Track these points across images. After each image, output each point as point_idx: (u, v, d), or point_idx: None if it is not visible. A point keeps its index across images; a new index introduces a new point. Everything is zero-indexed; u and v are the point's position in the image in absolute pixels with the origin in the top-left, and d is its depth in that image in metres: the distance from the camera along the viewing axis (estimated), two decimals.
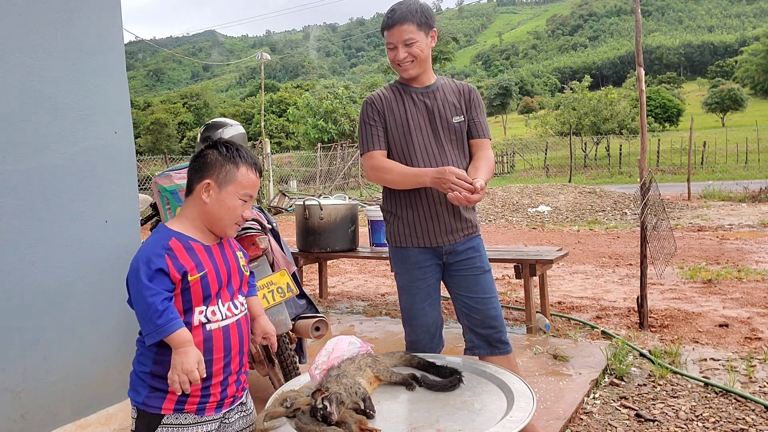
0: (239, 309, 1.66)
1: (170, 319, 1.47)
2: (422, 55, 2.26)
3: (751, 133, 28.23)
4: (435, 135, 2.32)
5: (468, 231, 2.37)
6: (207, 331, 1.56)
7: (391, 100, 2.35)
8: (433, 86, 2.36)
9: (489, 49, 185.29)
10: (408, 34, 2.20)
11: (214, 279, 1.58)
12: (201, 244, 1.60)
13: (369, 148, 2.33)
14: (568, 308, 4.85)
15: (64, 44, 2.30)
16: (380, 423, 1.56)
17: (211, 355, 1.56)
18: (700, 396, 3.02)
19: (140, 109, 60.05)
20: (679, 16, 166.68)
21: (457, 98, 2.37)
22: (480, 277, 2.36)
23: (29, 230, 2.18)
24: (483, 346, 2.37)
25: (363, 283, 6.32)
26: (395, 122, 2.32)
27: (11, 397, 2.11)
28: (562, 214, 12.11)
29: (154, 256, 1.50)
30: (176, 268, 1.51)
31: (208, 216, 1.61)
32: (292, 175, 24.04)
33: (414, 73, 2.29)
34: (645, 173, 4.10)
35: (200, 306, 1.56)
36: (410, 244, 2.36)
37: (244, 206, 1.64)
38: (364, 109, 2.37)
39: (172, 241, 1.55)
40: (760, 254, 7.02)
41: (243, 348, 1.67)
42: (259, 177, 1.68)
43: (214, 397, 1.58)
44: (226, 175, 1.60)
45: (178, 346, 1.48)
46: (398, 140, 2.32)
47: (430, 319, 2.40)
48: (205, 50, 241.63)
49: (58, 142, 2.27)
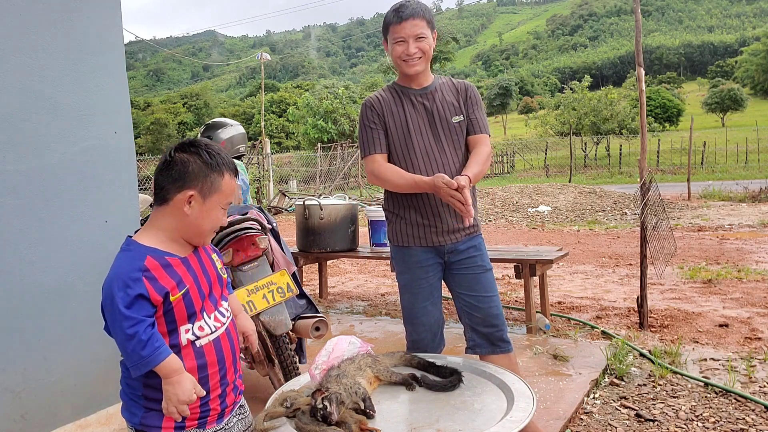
0: (226, 316, 1.57)
1: (156, 348, 1.36)
2: (429, 52, 2.28)
3: (751, 133, 28.21)
4: (435, 137, 2.32)
5: (469, 230, 2.37)
6: (198, 348, 1.47)
7: (390, 102, 2.35)
8: (431, 87, 2.36)
9: (489, 49, 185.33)
10: (420, 29, 2.22)
11: (197, 293, 1.48)
12: (177, 257, 1.47)
13: (369, 152, 2.34)
14: (568, 308, 4.85)
15: (64, 44, 2.30)
16: (380, 423, 1.56)
17: (206, 371, 1.48)
18: (700, 396, 3.01)
19: (140, 109, 60.06)
20: (679, 16, 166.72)
21: (455, 97, 2.37)
22: (481, 275, 2.37)
23: (29, 230, 2.18)
24: (484, 344, 2.38)
25: (363, 283, 6.32)
26: (395, 125, 2.33)
27: (11, 397, 2.11)
28: (562, 214, 12.10)
29: (131, 280, 1.36)
30: (156, 290, 1.38)
31: (188, 228, 1.48)
32: (292, 175, 24.03)
33: (420, 69, 2.29)
34: (645, 173, 4.10)
35: (185, 324, 1.46)
36: (412, 243, 2.37)
37: (224, 214, 1.55)
38: (363, 112, 2.37)
39: (148, 260, 1.40)
40: (760, 254, 7.02)
41: (235, 355, 1.60)
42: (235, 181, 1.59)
43: (215, 411, 1.53)
44: (211, 186, 1.47)
45: (167, 375, 1.39)
46: (398, 142, 2.33)
47: (432, 319, 2.40)
48: (205, 50, 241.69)
49: (58, 142, 2.27)
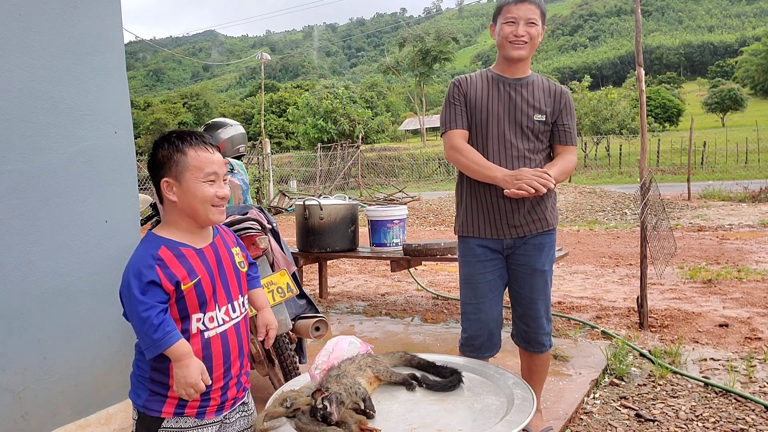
0: (237, 312, 1.62)
1: (167, 332, 1.43)
2: (536, 40, 2.27)
3: (751, 133, 28.20)
4: (512, 127, 2.30)
5: (533, 227, 2.34)
6: (205, 339, 1.54)
7: (477, 84, 2.36)
8: (525, 80, 2.35)
9: (489, 49, 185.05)
10: (533, 14, 2.24)
11: (209, 284, 1.54)
12: (192, 248, 1.54)
13: (450, 127, 2.35)
14: (568, 308, 4.85)
15: (64, 44, 2.30)
16: (380, 423, 1.56)
17: (210, 363, 1.53)
18: (700, 396, 3.02)
19: (140, 109, 60.03)
20: (679, 16, 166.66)
21: (545, 97, 2.35)
22: (531, 276, 2.37)
23: (29, 230, 2.18)
24: (519, 338, 2.47)
25: (363, 283, 6.32)
26: (475, 106, 2.33)
27: (11, 397, 2.11)
28: (562, 214, 12.10)
29: (145, 268, 1.45)
30: (168, 278, 1.46)
31: (184, 212, 1.55)
32: (292, 175, 24.03)
33: (524, 53, 2.28)
34: (645, 173, 4.10)
35: (197, 313, 1.52)
36: (471, 233, 2.37)
37: (214, 186, 1.54)
38: (450, 89, 2.39)
39: (162, 249, 1.49)
40: (760, 254, 7.01)
41: (243, 351, 1.64)
42: (214, 151, 1.58)
43: (215, 401, 1.57)
44: (177, 166, 1.52)
45: (177, 359, 1.46)
46: (475, 124, 2.33)
47: (489, 316, 2.40)
48: (205, 50, 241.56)
49: (58, 142, 2.27)
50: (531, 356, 2.47)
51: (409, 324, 4.50)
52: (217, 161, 1.56)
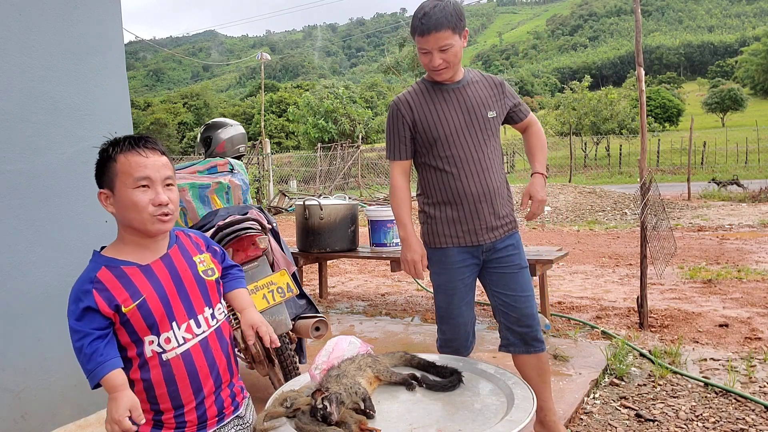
0: (204, 326, 1.48)
1: (98, 363, 1.33)
2: (456, 58, 2.21)
3: (751, 133, 28.22)
4: (472, 131, 2.28)
5: (507, 228, 2.36)
6: (164, 361, 1.41)
7: (421, 99, 2.30)
8: (464, 81, 2.31)
9: (489, 49, 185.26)
10: (444, 41, 2.12)
11: (157, 303, 1.40)
12: (136, 266, 1.42)
13: (392, 158, 2.35)
14: (568, 308, 4.85)
15: (64, 44, 2.30)
16: (380, 423, 1.56)
17: (174, 385, 1.42)
18: (700, 396, 3.02)
19: (140, 109, 60.03)
20: (679, 16, 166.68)
21: (489, 92, 2.34)
22: (518, 274, 2.36)
23: (29, 230, 2.18)
24: (518, 344, 2.39)
25: (363, 283, 6.32)
26: (428, 122, 2.27)
27: (11, 397, 2.11)
28: (562, 214, 12.10)
29: (81, 293, 1.36)
30: (107, 301, 1.35)
31: (126, 225, 1.43)
32: (292, 175, 24.03)
33: (447, 76, 2.25)
34: (645, 173, 4.10)
35: (148, 335, 1.40)
36: (449, 243, 2.34)
37: (148, 192, 1.40)
38: (391, 114, 2.33)
39: (101, 271, 1.39)
40: (760, 254, 7.01)
41: (217, 366, 1.51)
42: (150, 154, 1.43)
43: (192, 423, 1.47)
44: (109, 174, 1.42)
45: (109, 391, 1.34)
46: (436, 140, 2.27)
47: (467, 318, 2.40)
48: (205, 50, 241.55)
49: (58, 142, 2.27)
50: (537, 356, 2.42)
51: (409, 324, 4.50)
52: (151, 165, 1.41)
